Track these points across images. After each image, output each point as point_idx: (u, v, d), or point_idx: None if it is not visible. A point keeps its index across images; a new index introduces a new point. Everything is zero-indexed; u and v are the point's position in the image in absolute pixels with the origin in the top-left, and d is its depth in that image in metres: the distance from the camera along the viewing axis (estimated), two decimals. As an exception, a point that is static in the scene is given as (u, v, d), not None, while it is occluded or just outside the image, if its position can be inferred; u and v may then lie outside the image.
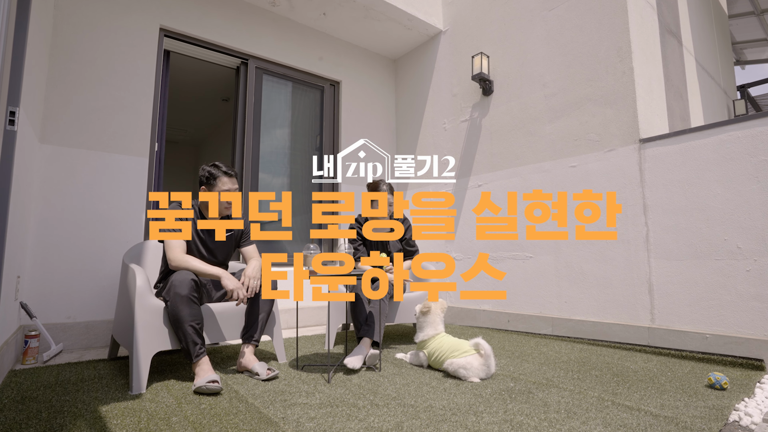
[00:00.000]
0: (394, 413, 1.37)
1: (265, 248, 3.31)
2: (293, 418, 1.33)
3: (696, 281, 2.17)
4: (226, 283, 1.80)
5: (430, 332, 2.00)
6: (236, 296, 1.80)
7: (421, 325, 2.04)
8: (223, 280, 1.81)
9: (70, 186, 2.41)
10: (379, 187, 2.48)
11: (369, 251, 2.51)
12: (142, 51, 2.73)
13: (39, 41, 2.10)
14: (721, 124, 2.15)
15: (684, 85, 3.24)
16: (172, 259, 1.81)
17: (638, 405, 1.44)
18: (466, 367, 1.76)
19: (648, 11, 2.79)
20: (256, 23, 3.28)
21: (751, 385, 1.67)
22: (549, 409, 1.40)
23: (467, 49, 3.48)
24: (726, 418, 1.31)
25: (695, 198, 2.20)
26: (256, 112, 3.30)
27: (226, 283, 1.80)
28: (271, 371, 1.76)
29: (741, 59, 6.11)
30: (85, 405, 1.44)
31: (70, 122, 2.44)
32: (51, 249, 2.32)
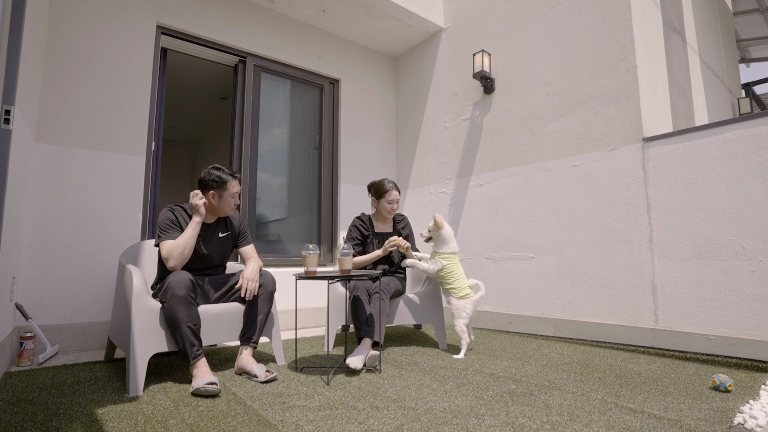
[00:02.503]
0: (394, 416, 1.36)
1: (265, 248, 3.30)
2: (292, 420, 1.32)
3: (700, 282, 2.15)
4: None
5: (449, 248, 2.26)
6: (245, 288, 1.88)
7: (438, 239, 2.28)
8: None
9: (65, 185, 2.39)
10: (384, 186, 2.46)
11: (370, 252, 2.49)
12: (139, 49, 2.71)
13: (34, 39, 2.08)
14: (726, 123, 2.13)
15: (688, 83, 3.22)
16: (164, 253, 1.78)
17: (642, 407, 1.42)
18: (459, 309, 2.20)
19: (651, 8, 2.76)
20: (254, 20, 3.26)
21: (756, 387, 1.65)
22: (551, 412, 1.39)
23: (468, 46, 3.45)
24: (731, 421, 1.30)
25: (699, 197, 2.18)
26: (255, 110, 3.28)
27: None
28: (270, 373, 1.75)
29: (746, 57, 6.07)
30: (81, 407, 1.43)
31: (66, 121, 2.42)
32: (46, 249, 2.30)
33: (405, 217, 2.66)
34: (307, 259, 1.88)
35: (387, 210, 2.47)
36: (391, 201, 2.46)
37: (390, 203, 2.46)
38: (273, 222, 3.43)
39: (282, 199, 3.45)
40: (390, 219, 2.58)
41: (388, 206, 2.46)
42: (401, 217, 2.62)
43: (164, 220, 1.87)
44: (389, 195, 2.46)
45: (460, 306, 2.20)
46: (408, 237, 2.58)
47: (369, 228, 2.50)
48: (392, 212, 2.49)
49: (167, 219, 1.87)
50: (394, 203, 2.46)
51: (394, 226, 2.59)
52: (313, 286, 3.32)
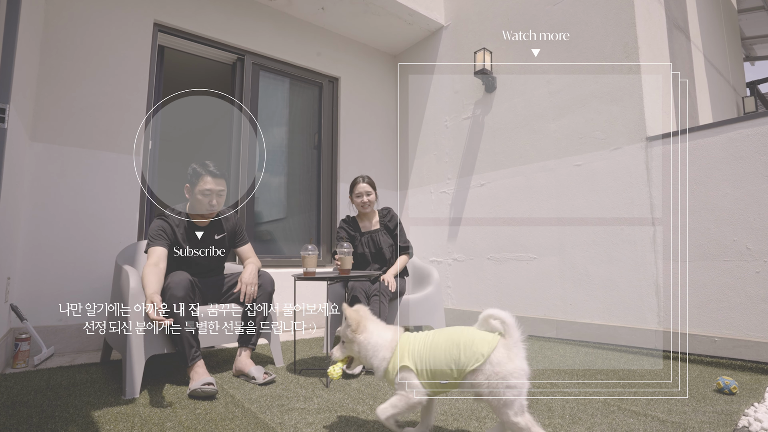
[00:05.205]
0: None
1: (263, 249, 3.28)
2: (290, 423, 1.31)
3: (704, 283, 2.13)
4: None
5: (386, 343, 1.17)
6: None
7: (359, 346, 1.18)
8: None
9: (61, 185, 2.37)
10: (354, 180, 2.41)
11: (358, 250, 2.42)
12: (136, 46, 2.68)
13: (30, 37, 2.06)
14: (730, 122, 2.11)
15: (692, 81, 3.20)
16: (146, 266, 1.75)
17: (645, 410, 1.42)
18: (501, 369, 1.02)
19: (655, 6, 2.73)
20: (252, 18, 3.23)
21: (761, 389, 1.64)
22: (553, 414, 1.38)
23: (469, 44, 3.42)
24: (735, 424, 1.30)
25: (704, 197, 2.16)
26: (253, 109, 3.25)
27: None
28: (268, 375, 1.74)
29: (750, 55, 6.02)
30: (77, 410, 1.42)
31: (62, 119, 2.40)
32: (42, 250, 2.28)
33: (390, 209, 2.52)
34: (306, 260, 1.86)
35: (358, 204, 2.39)
36: (359, 194, 2.37)
37: (359, 197, 2.37)
38: (271, 222, 3.42)
39: (280, 199, 3.43)
40: (373, 215, 2.48)
41: (357, 200, 2.38)
42: (386, 211, 2.50)
43: (154, 227, 1.83)
44: (356, 188, 2.38)
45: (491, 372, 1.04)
46: (395, 229, 2.47)
47: (355, 228, 2.44)
48: (365, 206, 2.38)
49: (158, 227, 1.83)
50: (363, 195, 2.36)
51: (381, 221, 2.49)
52: (312, 287, 3.30)
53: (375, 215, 2.49)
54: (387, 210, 2.50)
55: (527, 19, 3.03)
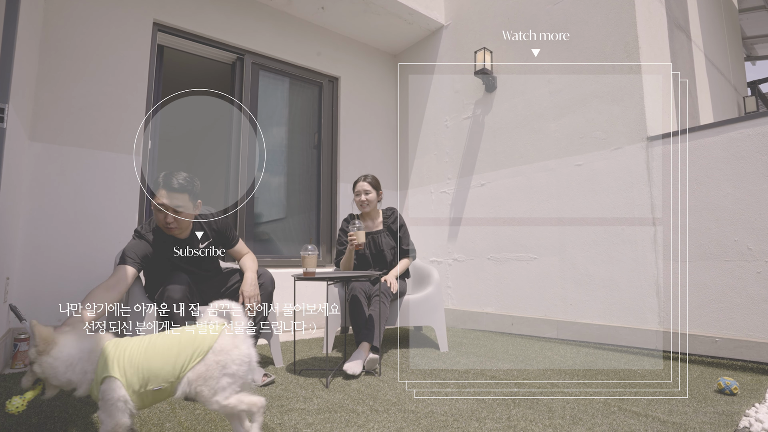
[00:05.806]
0: (394, 419, 1.35)
1: (262, 249, 3.27)
2: (290, 424, 1.31)
3: (705, 283, 2.12)
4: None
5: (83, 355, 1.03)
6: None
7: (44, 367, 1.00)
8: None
9: (60, 185, 2.36)
10: (358, 179, 2.42)
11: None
12: (135, 46, 2.68)
13: (29, 36, 2.05)
14: (731, 122, 2.11)
15: (693, 81, 3.19)
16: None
17: (646, 411, 1.41)
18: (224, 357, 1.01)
19: (656, 5, 2.73)
20: (252, 17, 3.23)
21: (762, 390, 1.64)
22: (554, 415, 1.38)
23: (470, 44, 3.42)
24: (736, 425, 1.30)
25: (704, 197, 2.15)
26: (253, 108, 3.25)
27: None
28: (268, 376, 1.73)
29: (751, 55, 6.02)
30: (77, 411, 1.41)
31: (61, 119, 2.39)
32: (41, 250, 2.28)
33: (395, 210, 2.51)
34: (305, 260, 1.86)
35: (357, 203, 2.42)
36: (358, 192, 2.39)
37: (358, 194, 2.39)
38: (271, 222, 3.41)
39: (280, 199, 3.42)
40: (377, 215, 2.47)
41: (356, 199, 2.41)
42: (390, 212, 2.49)
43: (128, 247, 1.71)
44: (356, 187, 2.41)
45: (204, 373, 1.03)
46: (400, 230, 2.46)
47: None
48: (364, 204, 2.39)
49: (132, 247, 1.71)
50: (362, 194, 2.38)
51: (384, 222, 2.49)
52: (312, 287, 3.29)
53: (378, 215, 2.49)
54: (391, 211, 2.49)
55: (527, 18, 3.02)
